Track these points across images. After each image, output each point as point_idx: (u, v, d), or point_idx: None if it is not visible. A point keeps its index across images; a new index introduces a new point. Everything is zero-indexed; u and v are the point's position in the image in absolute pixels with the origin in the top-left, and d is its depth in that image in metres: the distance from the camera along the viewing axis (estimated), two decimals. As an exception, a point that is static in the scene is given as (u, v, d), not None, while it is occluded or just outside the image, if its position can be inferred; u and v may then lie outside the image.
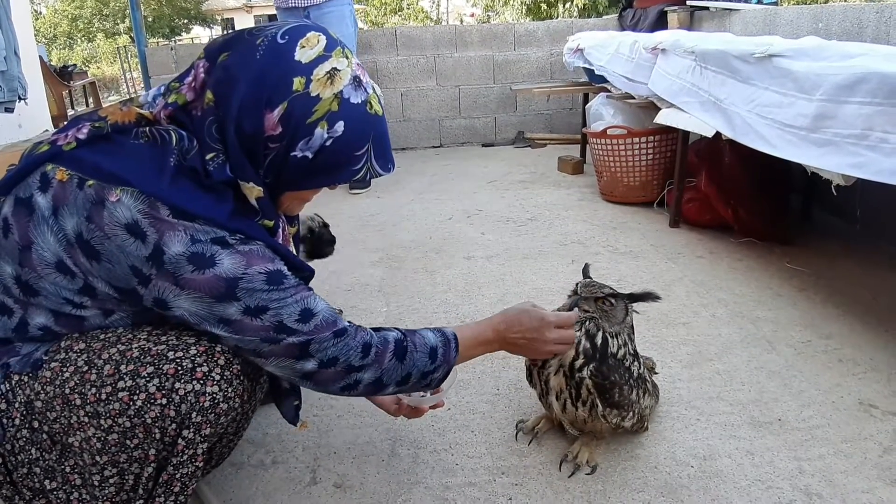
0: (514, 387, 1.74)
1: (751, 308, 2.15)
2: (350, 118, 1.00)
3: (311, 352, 1.04)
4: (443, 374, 1.21)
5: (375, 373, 1.11)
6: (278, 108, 0.96)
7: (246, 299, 0.96)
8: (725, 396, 1.67)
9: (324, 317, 1.05)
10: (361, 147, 1.03)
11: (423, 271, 2.61)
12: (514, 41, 5.27)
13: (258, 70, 0.96)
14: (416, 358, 1.15)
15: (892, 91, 1.52)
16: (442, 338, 1.20)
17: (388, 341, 1.13)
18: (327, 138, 0.99)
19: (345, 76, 1.00)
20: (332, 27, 4.36)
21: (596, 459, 1.43)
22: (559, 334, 1.29)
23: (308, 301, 1.03)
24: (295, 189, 1.07)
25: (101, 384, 0.98)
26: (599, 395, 1.35)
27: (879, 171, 1.54)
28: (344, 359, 1.07)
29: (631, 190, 3.39)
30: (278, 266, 1.01)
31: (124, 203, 0.91)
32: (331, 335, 1.05)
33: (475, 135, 5.44)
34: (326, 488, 1.39)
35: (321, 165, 1.01)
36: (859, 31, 2.69)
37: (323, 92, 0.98)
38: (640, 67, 3.13)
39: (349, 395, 1.14)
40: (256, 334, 0.99)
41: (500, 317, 1.29)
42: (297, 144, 0.98)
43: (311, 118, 0.97)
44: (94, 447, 1.00)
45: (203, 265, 0.93)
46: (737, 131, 2.26)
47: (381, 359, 1.11)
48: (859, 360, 1.82)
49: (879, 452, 1.44)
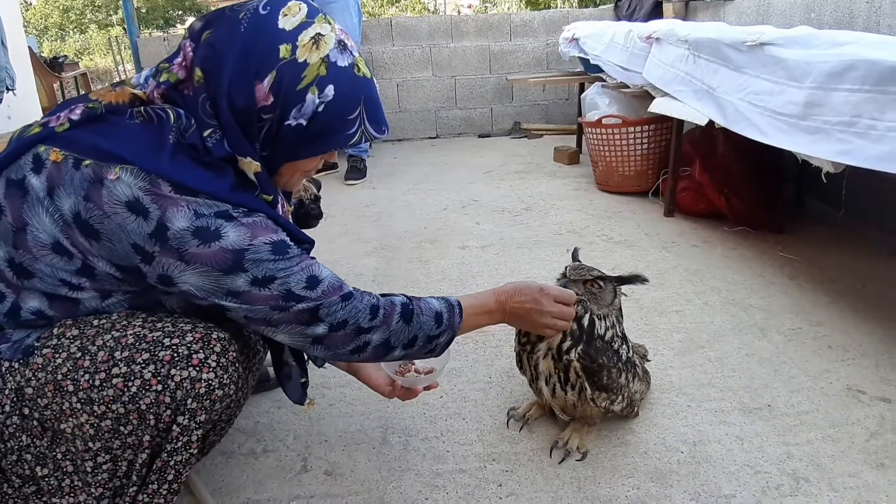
0: (506, 375, 1.75)
1: (743, 296, 2.16)
2: (339, 81, 1.00)
3: (321, 316, 1.05)
4: (447, 340, 1.22)
5: (384, 334, 1.12)
6: (268, 78, 0.96)
7: (253, 270, 0.97)
8: (716, 383, 1.68)
9: (330, 282, 1.06)
10: (354, 110, 1.03)
11: (418, 261, 2.61)
12: (510, 31, 5.26)
13: (244, 42, 0.96)
14: (423, 321, 1.17)
15: (880, 78, 1.53)
16: (446, 304, 1.22)
17: (395, 304, 1.15)
18: (319, 103, 0.99)
19: (329, 40, 1.00)
20: (335, 18, 4.38)
21: (587, 446, 1.44)
22: (558, 308, 1.31)
23: (313, 268, 1.05)
24: (293, 159, 1.07)
25: (95, 370, 0.99)
26: (587, 378, 1.36)
27: (867, 158, 1.55)
28: (353, 321, 1.08)
29: (626, 179, 3.39)
30: (282, 236, 1.02)
31: (124, 181, 0.91)
32: (338, 299, 1.06)
33: (471, 125, 5.43)
34: (317, 476, 1.40)
35: (316, 132, 1.02)
36: (850, 20, 2.69)
37: (310, 57, 0.98)
38: (635, 57, 3.12)
39: (358, 359, 1.15)
40: (266, 304, 1.00)
41: (502, 287, 1.32)
42: (289, 112, 0.99)
43: (300, 84, 0.98)
44: (87, 433, 1.00)
45: (208, 239, 0.94)
46: (729, 119, 2.27)
47: (388, 320, 1.12)
48: (848, 346, 1.83)
49: (866, 437, 1.45)
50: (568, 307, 1.33)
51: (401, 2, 24.20)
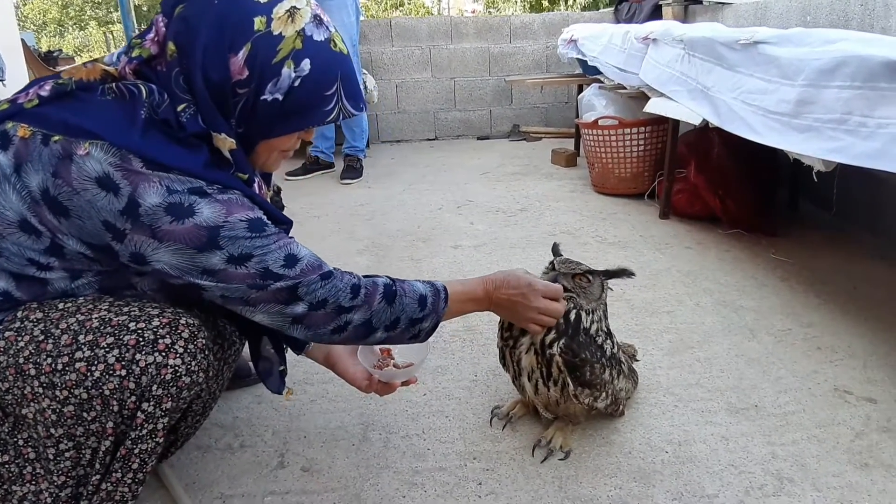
0: (492, 373, 1.73)
1: (735, 297, 2.14)
2: (316, 56, 0.99)
3: (300, 295, 1.03)
4: (432, 325, 1.20)
5: (365, 314, 1.10)
6: (242, 51, 0.95)
7: (229, 247, 0.95)
8: (704, 383, 1.66)
9: (309, 261, 1.04)
10: (331, 86, 1.02)
11: (409, 260, 2.60)
12: (509, 33, 5.25)
13: (217, 14, 0.94)
14: (406, 303, 1.14)
15: (870, 74, 1.51)
16: (432, 289, 1.19)
17: (378, 284, 1.13)
18: (295, 77, 0.98)
19: (305, 14, 0.99)
20: (333, 16, 4.35)
21: (570, 445, 1.42)
22: (545, 304, 1.28)
23: (291, 247, 1.03)
24: (269, 136, 1.05)
25: (58, 354, 0.97)
26: (570, 373, 1.33)
27: (857, 155, 1.53)
28: (333, 300, 1.06)
29: (622, 181, 3.37)
30: (258, 214, 1.00)
31: (94, 156, 0.89)
32: (318, 277, 1.04)
33: (470, 128, 5.42)
34: (293, 472, 1.37)
35: (292, 107, 1.00)
36: (845, 22, 2.68)
37: (285, 30, 0.96)
38: (632, 58, 3.12)
39: (339, 339, 1.12)
40: (243, 282, 0.98)
41: (491, 276, 1.29)
42: (265, 87, 0.97)
43: (276, 58, 0.96)
44: (49, 419, 0.98)
45: (182, 215, 0.92)
46: (722, 118, 2.25)
47: (370, 300, 1.10)
48: (837, 347, 1.81)
49: (851, 437, 1.43)
50: (555, 304, 1.30)
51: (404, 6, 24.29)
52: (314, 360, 1.39)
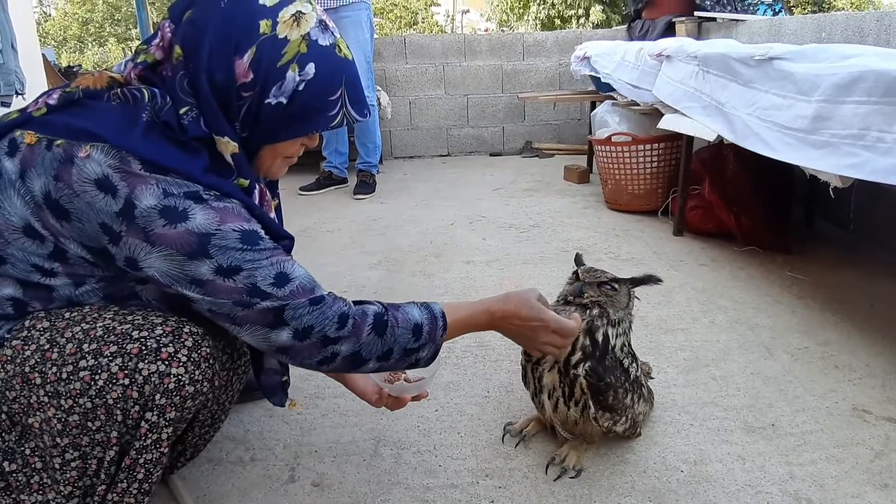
0: (504, 389, 1.71)
1: (750, 315, 2.12)
2: (321, 60, 0.99)
3: (286, 318, 0.99)
4: (430, 353, 1.15)
5: (353, 346, 1.06)
6: (248, 53, 0.95)
7: (219, 257, 0.93)
8: (720, 402, 1.63)
9: (300, 283, 1.01)
10: (335, 91, 1.01)
11: (421, 275, 2.59)
12: (522, 51, 5.27)
13: (223, 17, 0.95)
14: (398, 334, 1.10)
15: (887, 89, 1.50)
16: (428, 315, 1.14)
17: (367, 314, 1.08)
18: (300, 81, 0.98)
19: (311, 19, 0.99)
20: (347, 32, 4.36)
21: (583, 463, 1.40)
22: (552, 340, 1.23)
23: (284, 265, 1.00)
24: (273, 141, 1.04)
25: (63, 363, 0.96)
26: (592, 397, 1.32)
27: (875, 171, 1.51)
28: (319, 328, 1.02)
29: (635, 198, 3.36)
30: (254, 226, 0.99)
31: (94, 158, 0.90)
32: (306, 302, 1.01)
33: (483, 144, 5.43)
34: (304, 486, 1.36)
35: (297, 111, 1.00)
36: (861, 39, 2.66)
37: (290, 34, 0.96)
38: (646, 74, 3.12)
39: (328, 370, 1.09)
40: (229, 297, 0.96)
41: (499, 302, 1.22)
42: (270, 90, 0.97)
43: (281, 61, 0.96)
44: (55, 428, 0.98)
45: (175, 219, 0.91)
46: (737, 135, 2.24)
47: (358, 331, 1.06)
48: (855, 366, 1.78)
49: (871, 457, 1.40)
50: (564, 342, 1.25)
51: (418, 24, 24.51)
52: (324, 373, 1.38)
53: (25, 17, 4.74)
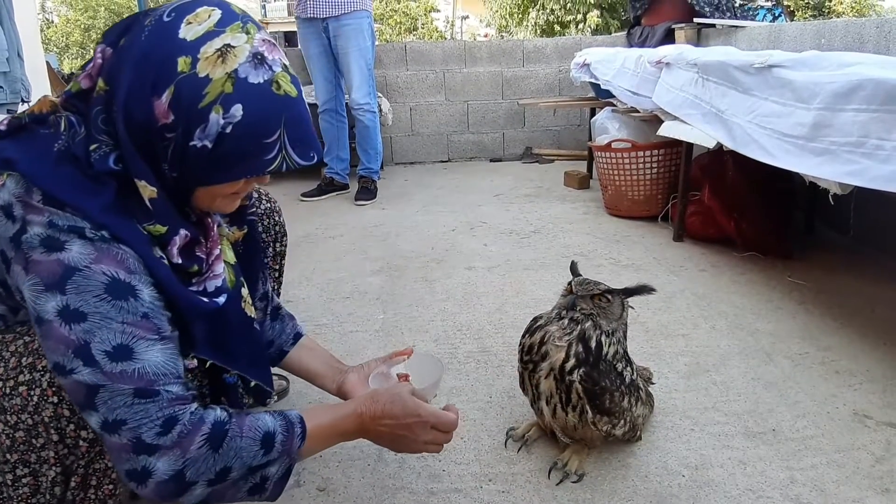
0: (507, 395, 1.72)
1: (750, 320, 2.13)
2: (249, 100, 0.88)
3: (97, 402, 0.84)
4: (282, 470, 0.98)
5: (174, 463, 0.86)
6: (166, 94, 0.86)
7: (71, 297, 0.83)
8: (721, 407, 1.64)
9: (141, 368, 0.86)
10: (271, 133, 0.90)
11: (423, 280, 2.61)
12: (522, 57, 5.30)
13: (141, 53, 0.87)
14: (241, 447, 0.92)
15: (886, 97, 1.52)
16: (283, 423, 0.98)
17: (204, 421, 0.90)
18: (225, 124, 0.87)
19: (241, 53, 0.88)
20: (349, 40, 4.34)
21: (584, 468, 1.41)
22: (433, 436, 1.12)
23: (137, 341, 0.86)
24: (206, 183, 0.94)
25: (6, 377, 0.93)
26: (589, 401, 1.33)
27: (874, 178, 1.53)
28: (133, 426, 0.84)
29: (635, 204, 3.37)
30: (134, 281, 0.88)
31: (7, 187, 0.87)
32: (130, 389, 0.84)
33: (483, 150, 5.45)
34: (309, 491, 1.37)
35: (226, 155, 0.90)
36: (860, 46, 2.68)
37: (213, 71, 0.86)
38: (645, 81, 3.13)
39: (138, 490, 0.87)
40: (57, 348, 0.84)
41: (367, 402, 1.09)
42: (193, 133, 0.88)
43: (202, 102, 0.86)
44: (4, 444, 0.94)
45: (52, 248, 0.84)
46: (737, 142, 2.26)
47: (185, 442, 0.87)
48: (856, 371, 1.79)
49: (872, 462, 1.41)
50: (446, 436, 1.14)
51: (418, 30, 24.57)
52: (328, 391, 1.37)
53: (30, 25, 4.76)
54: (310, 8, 3.78)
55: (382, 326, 2.18)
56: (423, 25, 25.68)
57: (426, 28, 25.59)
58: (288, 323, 1.39)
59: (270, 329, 1.36)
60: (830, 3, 16.29)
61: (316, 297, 2.44)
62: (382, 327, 2.18)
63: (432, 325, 2.17)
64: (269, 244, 1.54)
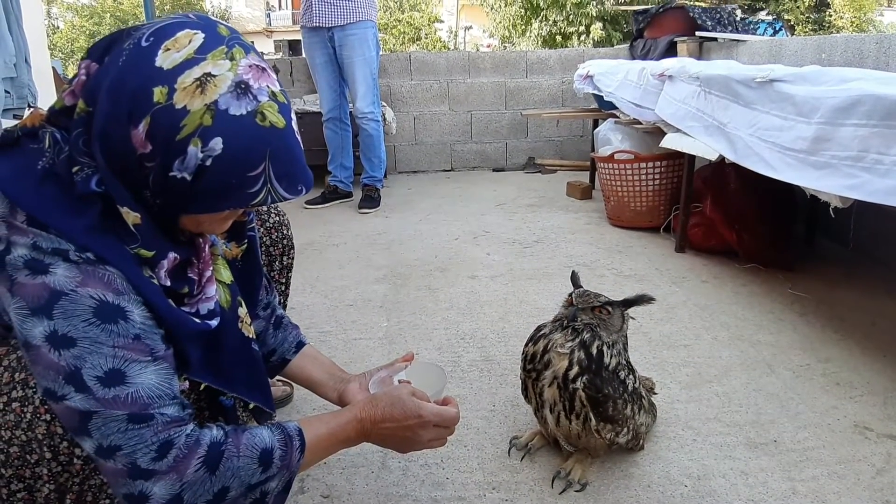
0: (510, 403, 1.74)
1: (752, 332, 2.14)
2: (230, 133, 0.83)
3: (90, 427, 0.82)
4: (282, 485, 0.96)
5: (171, 487, 0.84)
6: (142, 124, 0.82)
7: (58, 321, 0.81)
8: (723, 418, 1.66)
9: (135, 392, 0.84)
10: (255, 167, 0.85)
11: (427, 289, 2.62)
12: (526, 68, 5.33)
13: (116, 80, 0.83)
14: (239, 466, 0.90)
15: (886, 113, 1.54)
16: (282, 437, 0.96)
17: (200, 443, 0.88)
18: (204, 157, 0.83)
19: (222, 83, 0.83)
20: (354, 49, 4.36)
21: (588, 477, 1.42)
22: (436, 433, 1.13)
23: (129, 365, 0.83)
24: (189, 212, 0.91)
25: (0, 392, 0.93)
26: (592, 409, 1.34)
27: (874, 192, 1.55)
28: (128, 452, 0.82)
29: (638, 215, 3.39)
30: (123, 303, 0.85)
31: None
32: (124, 415, 0.82)
33: (486, 160, 5.48)
34: (314, 498, 1.39)
35: (207, 188, 0.85)
36: (860, 61, 2.71)
37: (191, 103, 0.82)
38: (648, 93, 3.16)
39: None
40: (47, 374, 0.81)
41: (367, 407, 1.09)
42: (172, 164, 0.83)
43: (180, 134, 0.82)
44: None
45: (37, 271, 0.82)
46: (739, 154, 2.28)
47: (181, 466, 0.85)
48: (856, 383, 1.81)
49: (872, 474, 1.43)
50: (447, 432, 1.15)
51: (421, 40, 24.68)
52: (329, 400, 1.36)
53: (37, 31, 4.79)
54: (315, 17, 3.82)
55: (386, 334, 2.20)
56: (427, 36, 25.80)
57: (430, 38, 25.70)
58: (291, 332, 1.40)
59: (273, 338, 1.37)
60: (831, 19, 16.38)
61: (320, 305, 2.45)
62: (386, 335, 2.19)
63: (436, 334, 2.19)
64: (277, 257, 1.55)
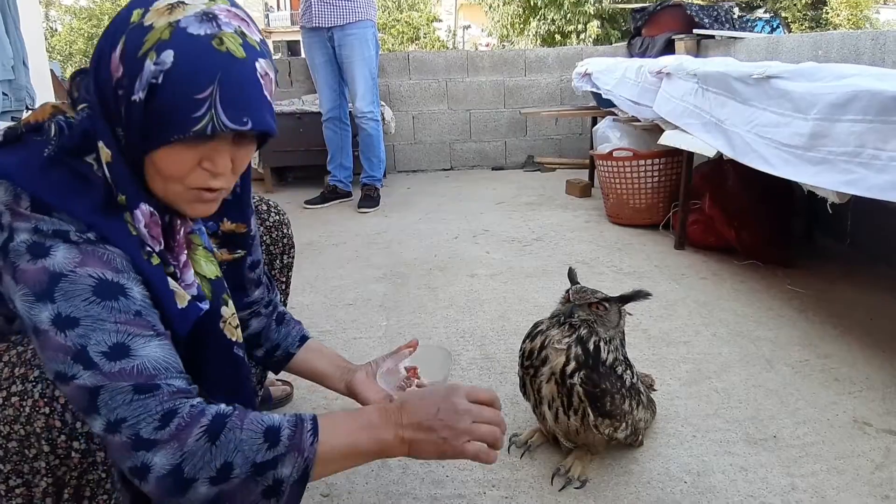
0: (510, 401, 1.74)
1: (751, 328, 2.15)
2: (183, 49, 0.82)
3: (99, 403, 0.81)
4: (296, 471, 0.86)
5: (172, 456, 0.80)
6: (119, 46, 0.84)
7: (61, 304, 0.81)
8: (722, 414, 1.66)
9: (140, 364, 0.83)
10: (201, 88, 0.83)
11: (426, 288, 2.63)
12: (524, 67, 5.33)
13: (116, 15, 0.89)
14: (241, 439, 0.84)
15: (882, 108, 1.54)
16: (292, 418, 0.89)
17: (205, 413, 0.84)
18: (156, 71, 0.82)
19: (190, 9, 0.84)
20: (353, 49, 4.36)
21: (587, 474, 1.43)
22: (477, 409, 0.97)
23: (133, 339, 0.83)
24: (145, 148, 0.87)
25: None
26: (590, 404, 1.35)
27: (871, 187, 1.55)
28: (132, 423, 0.80)
29: (637, 212, 3.40)
30: (122, 281, 0.85)
31: None
32: (129, 387, 0.81)
33: (485, 158, 5.48)
34: (314, 497, 1.39)
35: (157, 110, 0.83)
36: (856, 57, 2.72)
37: (157, 21, 0.83)
38: (646, 91, 3.16)
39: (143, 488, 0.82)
40: (55, 356, 0.81)
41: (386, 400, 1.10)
42: (134, 85, 0.83)
43: (141, 50, 0.82)
44: None
45: (38, 255, 0.82)
46: (737, 151, 2.28)
47: (182, 434, 0.81)
48: (855, 379, 1.81)
49: (871, 469, 1.43)
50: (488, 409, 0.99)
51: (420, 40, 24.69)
52: (336, 391, 1.35)
53: (35, 33, 4.80)
54: (315, 18, 3.82)
55: (386, 333, 2.20)
56: (426, 35, 25.81)
57: (428, 38, 25.72)
58: (294, 327, 1.40)
59: (276, 333, 1.37)
60: (827, 16, 16.40)
61: (319, 304, 2.46)
62: (386, 334, 2.19)
63: (435, 332, 2.19)
64: (277, 256, 1.56)
